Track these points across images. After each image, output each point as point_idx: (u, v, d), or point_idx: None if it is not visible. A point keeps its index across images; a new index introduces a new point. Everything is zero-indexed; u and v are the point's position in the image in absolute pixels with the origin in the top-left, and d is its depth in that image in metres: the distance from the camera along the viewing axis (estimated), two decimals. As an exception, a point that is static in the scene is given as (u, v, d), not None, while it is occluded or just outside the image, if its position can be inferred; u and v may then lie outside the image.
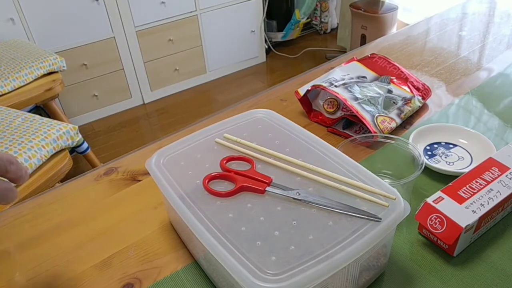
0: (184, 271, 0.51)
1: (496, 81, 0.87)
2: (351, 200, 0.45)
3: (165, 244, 0.55)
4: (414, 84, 0.79)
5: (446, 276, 0.49)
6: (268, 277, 0.37)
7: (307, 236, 0.41)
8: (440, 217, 0.50)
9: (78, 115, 2.39)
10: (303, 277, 0.37)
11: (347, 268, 0.42)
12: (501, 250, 0.51)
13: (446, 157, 0.65)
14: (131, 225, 0.58)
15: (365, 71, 0.83)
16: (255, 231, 0.42)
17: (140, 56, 2.44)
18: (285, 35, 3.14)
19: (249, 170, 0.49)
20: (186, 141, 0.55)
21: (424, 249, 0.52)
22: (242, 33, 2.82)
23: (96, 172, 0.69)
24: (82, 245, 0.56)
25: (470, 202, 0.51)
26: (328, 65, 0.95)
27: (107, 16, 2.21)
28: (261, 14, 2.85)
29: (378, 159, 0.66)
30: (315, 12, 3.25)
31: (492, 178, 0.54)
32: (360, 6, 2.63)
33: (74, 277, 0.52)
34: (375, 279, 0.49)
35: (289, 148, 0.53)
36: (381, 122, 0.70)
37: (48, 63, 1.76)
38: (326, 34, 3.34)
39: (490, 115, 0.77)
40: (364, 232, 0.41)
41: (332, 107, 0.74)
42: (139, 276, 0.51)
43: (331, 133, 0.74)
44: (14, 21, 2.00)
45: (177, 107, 2.56)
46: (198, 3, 2.52)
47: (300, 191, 0.46)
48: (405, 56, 0.98)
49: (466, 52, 0.99)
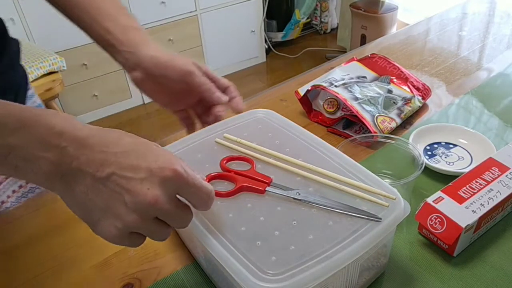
0: (184, 271, 0.51)
1: (496, 81, 0.87)
2: (351, 200, 0.45)
3: (165, 244, 0.55)
4: (414, 84, 0.79)
5: (446, 276, 0.49)
6: (268, 277, 0.37)
7: (307, 236, 0.41)
8: (440, 217, 0.50)
9: (78, 115, 2.39)
10: (303, 277, 0.37)
11: (347, 268, 0.42)
12: (501, 250, 0.51)
13: (446, 157, 0.65)
14: (131, 225, 0.58)
15: (365, 71, 0.83)
16: (255, 231, 0.42)
17: (140, 56, 2.44)
18: (285, 35, 3.14)
19: (249, 170, 0.49)
20: (186, 141, 0.55)
21: (424, 249, 0.52)
22: (242, 33, 2.83)
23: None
24: (82, 245, 0.56)
25: (470, 202, 0.51)
26: (328, 65, 0.95)
27: (107, 16, 2.21)
28: (261, 14, 2.85)
29: (378, 159, 0.66)
30: (315, 12, 3.26)
31: (492, 178, 0.54)
32: (360, 6, 2.63)
33: (74, 277, 0.52)
34: (375, 279, 0.49)
35: (289, 148, 0.53)
36: (381, 122, 0.70)
37: (48, 63, 1.76)
38: (326, 34, 3.34)
39: (490, 115, 0.77)
40: (364, 232, 0.41)
41: (332, 107, 0.74)
42: (139, 276, 0.51)
43: (331, 133, 0.74)
44: (14, 21, 2.00)
45: (177, 107, 2.56)
46: (198, 3, 2.52)
47: (300, 191, 0.46)
48: (405, 56, 0.98)
49: (466, 52, 0.99)
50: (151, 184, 0.34)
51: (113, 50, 0.57)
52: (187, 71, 0.55)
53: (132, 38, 0.57)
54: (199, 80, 0.56)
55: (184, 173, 0.35)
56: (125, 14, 0.59)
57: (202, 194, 0.37)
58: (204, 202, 0.38)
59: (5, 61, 0.62)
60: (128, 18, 0.59)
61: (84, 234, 0.57)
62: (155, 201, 0.34)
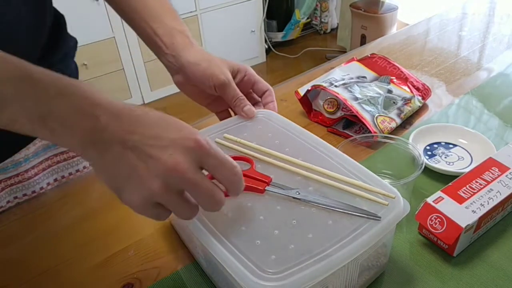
0: (184, 271, 0.51)
1: (496, 81, 0.87)
2: (351, 199, 0.45)
3: (165, 244, 0.55)
4: (414, 84, 0.80)
5: (446, 276, 0.49)
6: (268, 276, 0.37)
7: (307, 235, 0.41)
8: (440, 217, 0.50)
9: (78, 115, 2.39)
10: (303, 276, 0.37)
11: (347, 267, 0.42)
12: (501, 250, 0.51)
13: (446, 157, 0.65)
14: (131, 225, 0.58)
15: (365, 71, 0.83)
16: (255, 230, 0.42)
17: (140, 56, 2.44)
18: (285, 35, 3.14)
19: (249, 170, 0.49)
20: (186, 140, 0.55)
21: (424, 249, 0.52)
22: (242, 33, 2.83)
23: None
24: (82, 245, 0.56)
25: (470, 202, 0.51)
26: (328, 65, 0.95)
27: (107, 16, 2.21)
28: (261, 14, 2.85)
29: (378, 159, 0.66)
30: (315, 12, 3.26)
31: (492, 178, 0.54)
32: (360, 6, 2.63)
33: (74, 276, 0.52)
34: (375, 279, 0.49)
35: (289, 148, 0.53)
36: (381, 122, 0.70)
37: (48, 63, 1.76)
38: (326, 34, 3.34)
39: (490, 115, 0.77)
40: (363, 231, 0.41)
41: (332, 107, 0.74)
42: (139, 276, 0.51)
43: (331, 133, 0.74)
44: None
45: (177, 107, 2.56)
46: (198, 3, 2.52)
47: (299, 191, 0.46)
48: (405, 56, 0.98)
49: (466, 52, 0.99)
50: (174, 150, 0.35)
51: (159, 52, 0.60)
52: (220, 83, 0.57)
53: (176, 42, 0.59)
54: (230, 93, 0.57)
55: (206, 144, 0.37)
56: (171, 13, 0.61)
57: (225, 169, 0.38)
58: (229, 180, 0.39)
59: (59, 55, 0.65)
60: (173, 19, 0.60)
61: (84, 234, 0.57)
62: (175, 166, 0.35)
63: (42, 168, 0.68)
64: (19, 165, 0.64)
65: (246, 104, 0.57)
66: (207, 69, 0.57)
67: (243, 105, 0.57)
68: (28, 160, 0.65)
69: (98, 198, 0.64)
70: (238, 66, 0.60)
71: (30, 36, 0.55)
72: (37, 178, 0.67)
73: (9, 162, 0.63)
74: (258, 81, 0.61)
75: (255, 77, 0.61)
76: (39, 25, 0.57)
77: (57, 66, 0.64)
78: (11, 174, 0.64)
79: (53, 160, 0.69)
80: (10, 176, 0.64)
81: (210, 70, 0.57)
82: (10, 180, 0.64)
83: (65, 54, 0.67)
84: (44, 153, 0.67)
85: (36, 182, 0.67)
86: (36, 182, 0.67)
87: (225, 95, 0.58)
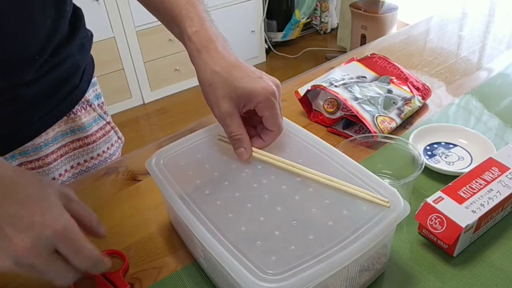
0: (184, 271, 0.51)
1: (496, 81, 0.87)
2: (351, 200, 0.45)
3: (165, 244, 0.55)
4: (414, 84, 0.80)
5: (446, 276, 0.49)
6: (268, 277, 0.37)
7: (307, 236, 0.41)
8: (440, 217, 0.50)
9: (78, 115, 2.39)
10: (303, 277, 0.37)
11: (347, 268, 0.42)
12: (501, 250, 0.51)
13: (446, 157, 0.65)
14: (131, 225, 0.58)
15: (365, 71, 0.83)
16: (255, 231, 0.42)
17: (140, 56, 2.44)
18: (285, 35, 3.14)
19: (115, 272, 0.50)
20: (186, 141, 0.55)
21: (424, 249, 0.52)
22: (242, 33, 2.82)
23: (96, 172, 0.69)
24: (82, 245, 0.56)
25: (470, 202, 0.51)
26: (328, 65, 0.95)
27: (107, 16, 2.21)
28: (261, 14, 2.85)
29: (378, 159, 0.66)
30: (315, 12, 3.25)
31: (492, 178, 0.54)
32: (360, 6, 2.63)
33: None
34: (375, 279, 0.49)
35: (289, 149, 0.53)
36: (381, 122, 0.70)
37: (48, 63, 1.76)
38: (326, 34, 3.34)
39: (490, 115, 0.77)
40: (364, 232, 0.41)
41: (332, 107, 0.74)
42: (139, 276, 0.51)
43: (331, 133, 0.74)
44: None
45: (177, 107, 2.56)
46: (198, 3, 2.52)
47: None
48: (405, 56, 0.98)
49: (466, 52, 0.99)
50: (28, 235, 0.36)
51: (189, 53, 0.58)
52: (216, 116, 0.52)
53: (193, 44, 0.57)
54: (226, 127, 0.51)
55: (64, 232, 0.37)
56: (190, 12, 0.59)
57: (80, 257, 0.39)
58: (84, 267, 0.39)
59: (75, 46, 0.65)
60: (191, 20, 0.58)
61: (84, 234, 0.57)
62: (23, 251, 0.36)
63: (60, 154, 0.69)
64: (39, 149, 0.64)
65: (240, 146, 0.51)
66: (206, 94, 0.52)
67: (237, 146, 0.51)
68: (48, 145, 0.65)
69: (97, 199, 0.64)
70: (248, 95, 0.50)
71: (52, 26, 0.57)
72: (56, 164, 0.68)
73: (30, 146, 0.63)
74: (268, 118, 0.51)
75: (265, 113, 0.51)
76: (60, 16, 0.59)
77: (74, 57, 0.65)
78: (32, 158, 0.65)
79: (69, 146, 0.70)
80: (32, 160, 0.65)
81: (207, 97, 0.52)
82: (31, 164, 0.65)
83: (82, 45, 0.68)
84: (62, 139, 0.68)
85: (55, 168, 0.68)
86: (55, 168, 0.68)
87: (223, 126, 0.52)
